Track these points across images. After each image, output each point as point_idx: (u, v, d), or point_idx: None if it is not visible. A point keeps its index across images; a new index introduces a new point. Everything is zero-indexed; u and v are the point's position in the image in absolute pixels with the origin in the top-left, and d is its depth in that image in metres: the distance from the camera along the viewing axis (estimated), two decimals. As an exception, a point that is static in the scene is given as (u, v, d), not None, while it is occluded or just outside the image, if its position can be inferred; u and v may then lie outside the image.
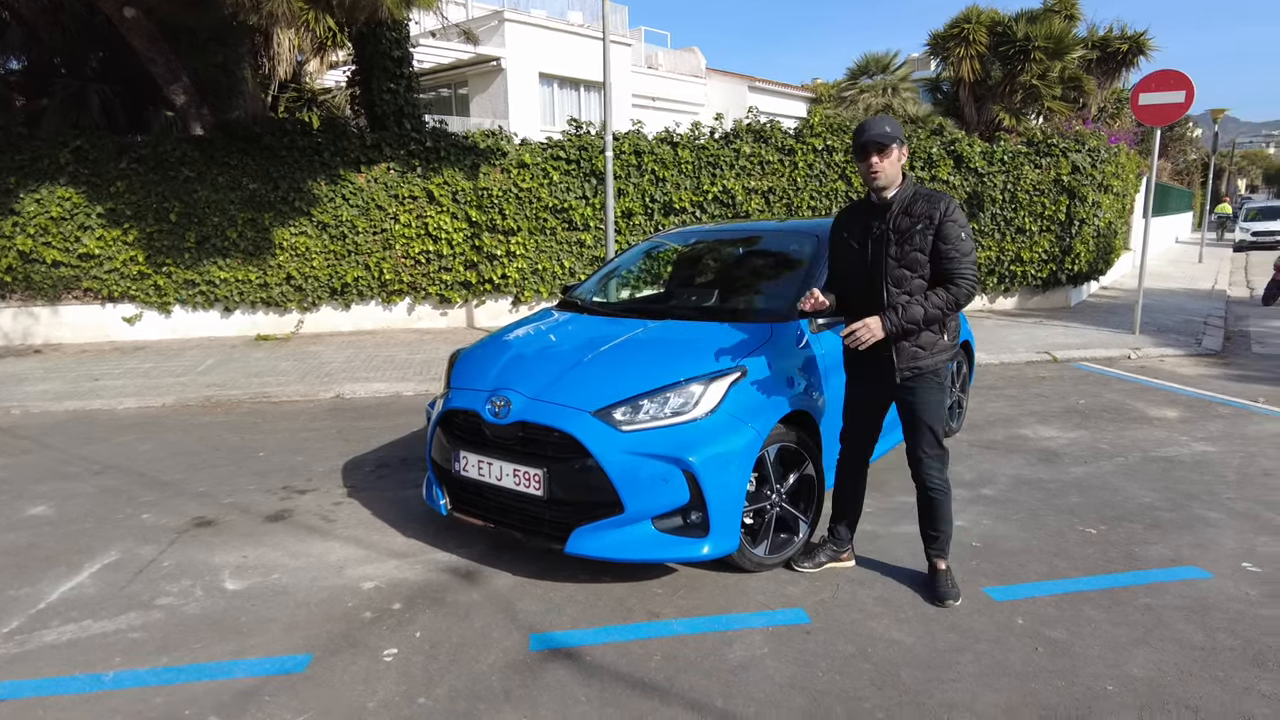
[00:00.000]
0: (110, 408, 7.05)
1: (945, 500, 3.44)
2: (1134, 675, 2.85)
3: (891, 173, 3.26)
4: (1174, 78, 9.32)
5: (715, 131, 11.08)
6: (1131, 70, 21.04)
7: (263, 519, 4.45)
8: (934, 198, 3.23)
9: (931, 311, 3.19)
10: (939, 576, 3.46)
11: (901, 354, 3.29)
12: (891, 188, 3.30)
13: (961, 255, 3.17)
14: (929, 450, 3.39)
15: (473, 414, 3.66)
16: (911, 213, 3.23)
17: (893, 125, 3.26)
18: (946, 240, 3.17)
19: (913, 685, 2.81)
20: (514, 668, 2.96)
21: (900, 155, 3.27)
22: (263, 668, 2.98)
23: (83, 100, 10.10)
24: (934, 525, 3.46)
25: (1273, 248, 26.54)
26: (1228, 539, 4.03)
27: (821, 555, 3.70)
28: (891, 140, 3.21)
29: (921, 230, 3.19)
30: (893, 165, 3.25)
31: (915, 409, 3.37)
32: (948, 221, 3.17)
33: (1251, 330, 10.87)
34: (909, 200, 3.26)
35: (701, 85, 26.06)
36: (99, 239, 9.52)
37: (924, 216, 3.20)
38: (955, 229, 3.17)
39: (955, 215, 3.19)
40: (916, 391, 3.35)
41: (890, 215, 3.27)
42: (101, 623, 3.31)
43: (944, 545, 3.49)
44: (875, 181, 3.28)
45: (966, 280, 3.19)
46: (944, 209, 3.18)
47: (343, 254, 10.19)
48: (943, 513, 3.44)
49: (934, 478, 3.40)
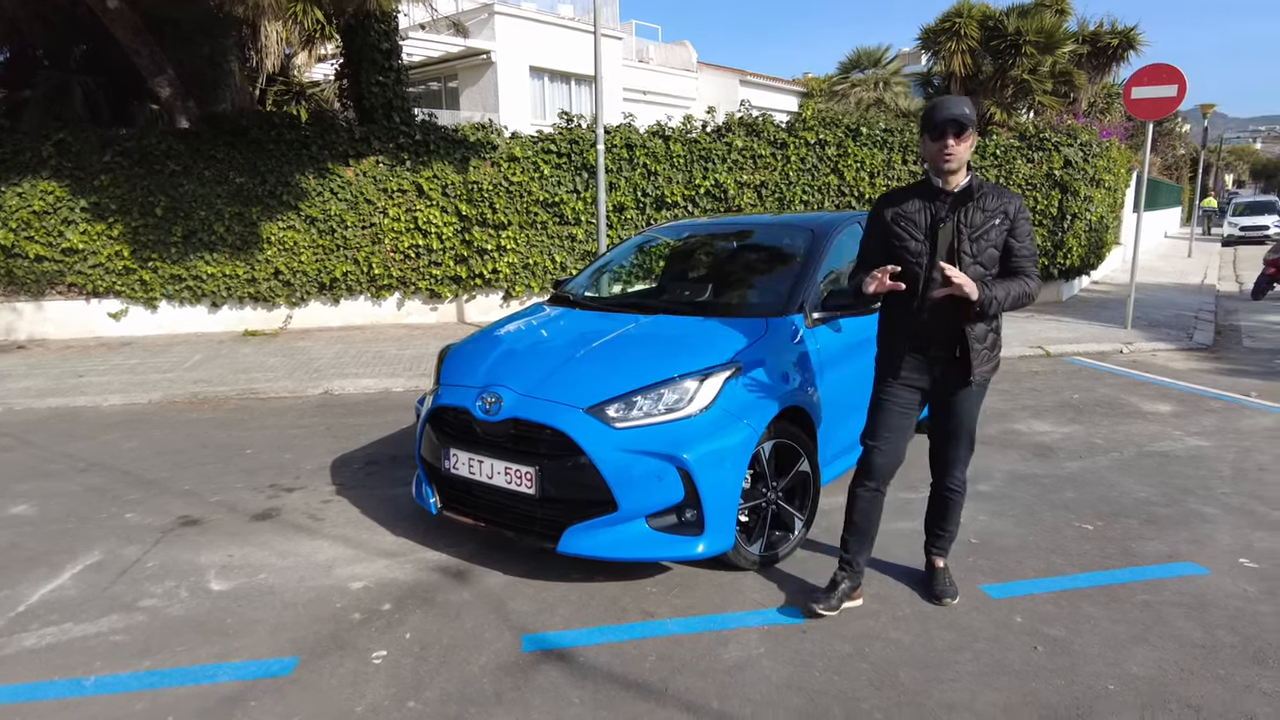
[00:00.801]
0: (95, 404, 6.95)
1: (961, 500, 3.37)
2: (1134, 674, 2.82)
3: (964, 158, 3.00)
4: (1166, 72, 9.32)
5: (707, 125, 11.01)
6: (1122, 65, 21.09)
7: (249, 518, 4.37)
8: (1004, 192, 3.06)
9: (1009, 297, 3.00)
10: (937, 574, 3.42)
11: (977, 357, 3.06)
12: (960, 177, 3.04)
13: (1029, 254, 3.07)
14: (964, 454, 3.29)
15: (463, 411, 3.59)
16: (985, 207, 3.01)
17: (970, 107, 2.99)
18: (1019, 238, 3.03)
19: (911, 685, 2.77)
20: (506, 669, 2.90)
21: (974, 142, 3.03)
22: (248, 671, 2.91)
23: (65, 93, 9.95)
24: (945, 524, 3.39)
25: (1260, 242, 26.69)
26: (1224, 535, 4.01)
27: (840, 591, 3.28)
28: (970, 123, 2.93)
29: (999, 225, 3.00)
30: (967, 151, 2.99)
31: (963, 414, 3.20)
32: (1022, 218, 3.03)
33: (1242, 324, 10.89)
34: (980, 191, 3.02)
35: (693, 79, 25.98)
36: (83, 233, 9.38)
37: (999, 211, 3.01)
38: (1028, 226, 3.05)
39: (1027, 212, 3.07)
40: (970, 396, 3.17)
41: (964, 207, 3.02)
42: (82, 625, 3.23)
43: (947, 544, 3.44)
44: (948, 164, 2.96)
45: (1035, 279, 3.09)
46: (1018, 205, 3.04)
47: (331, 248, 10.09)
48: (956, 513, 3.38)
49: (959, 478, 3.32)
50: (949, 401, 3.19)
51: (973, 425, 3.24)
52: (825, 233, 4.43)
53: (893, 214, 3.12)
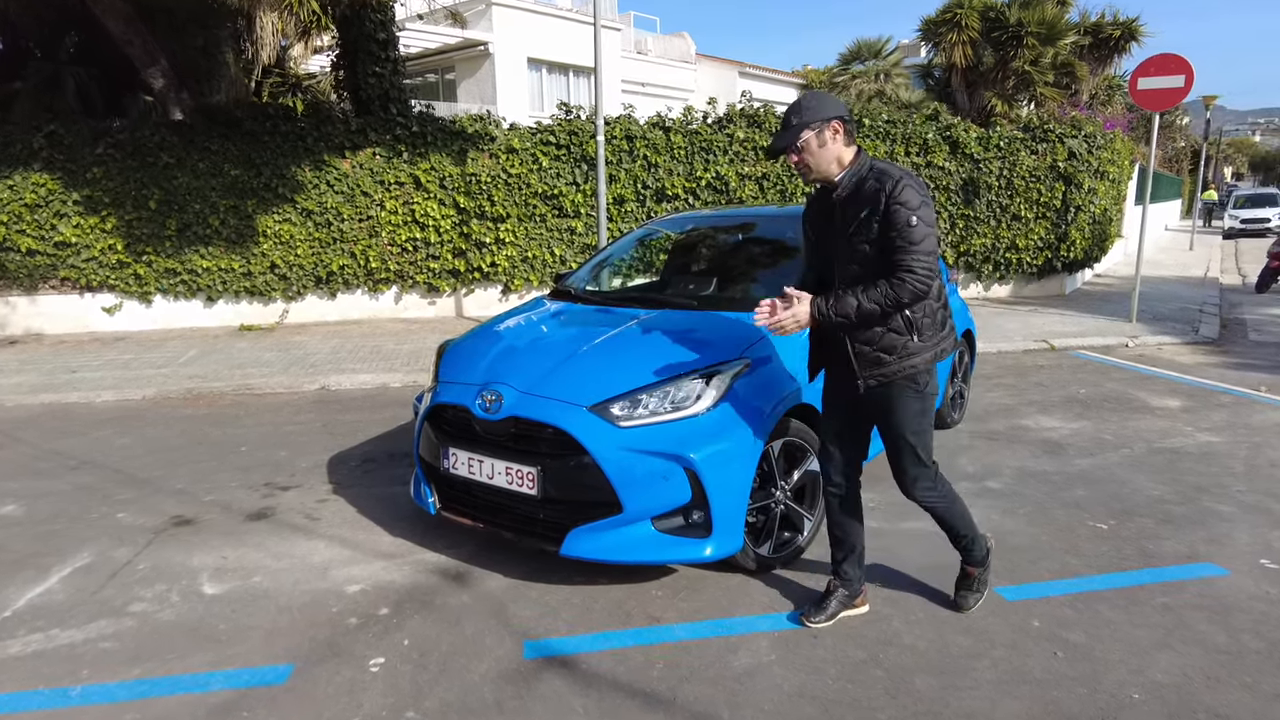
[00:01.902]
0: (88, 400, 6.83)
1: (950, 508, 3.05)
2: (1159, 681, 2.72)
3: (819, 162, 2.77)
4: (1173, 62, 9.20)
5: (708, 116, 10.88)
6: (1123, 56, 20.97)
7: (244, 517, 4.27)
8: (884, 176, 2.69)
9: (867, 306, 2.66)
10: (961, 580, 3.23)
11: (862, 359, 2.81)
12: (836, 173, 2.80)
13: (909, 244, 2.61)
14: (911, 467, 2.93)
15: (462, 409, 3.48)
16: (859, 197, 2.73)
17: (800, 112, 2.74)
18: (892, 226, 2.64)
19: (928, 694, 2.68)
20: (507, 677, 2.80)
21: (823, 138, 2.74)
22: (241, 679, 2.81)
23: (57, 84, 9.80)
24: (953, 534, 3.12)
25: (1262, 235, 26.61)
26: (1242, 534, 3.92)
27: (832, 604, 3.13)
28: (797, 133, 2.72)
29: (867, 217, 2.70)
30: (814, 155, 2.75)
31: (889, 422, 2.90)
32: (894, 205, 2.63)
33: (1247, 318, 10.80)
34: (859, 181, 2.75)
35: (691, 71, 25.79)
36: (76, 227, 9.25)
37: (870, 201, 2.69)
38: (902, 213, 2.62)
39: (903, 195, 2.62)
40: (888, 402, 2.86)
41: (838, 205, 2.80)
42: (70, 632, 3.13)
43: (968, 548, 3.14)
44: (805, 178, 2.84)
45: (913, 275, 2.61)
46: (891, 189, 2.64)
47: (328, 242, 9.96)
48: (955, 521, 3.07)
49: (927, 496, 2.98)
50: (873, 409, 2.95)
51: (910, 433, 2.88)
52: (833, 225, 4.31)
53: (804, 220, 3.11)
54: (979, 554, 3.17)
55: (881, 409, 2.91)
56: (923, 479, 2.96)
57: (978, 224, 11.45)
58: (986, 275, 11.82)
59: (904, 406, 2.86)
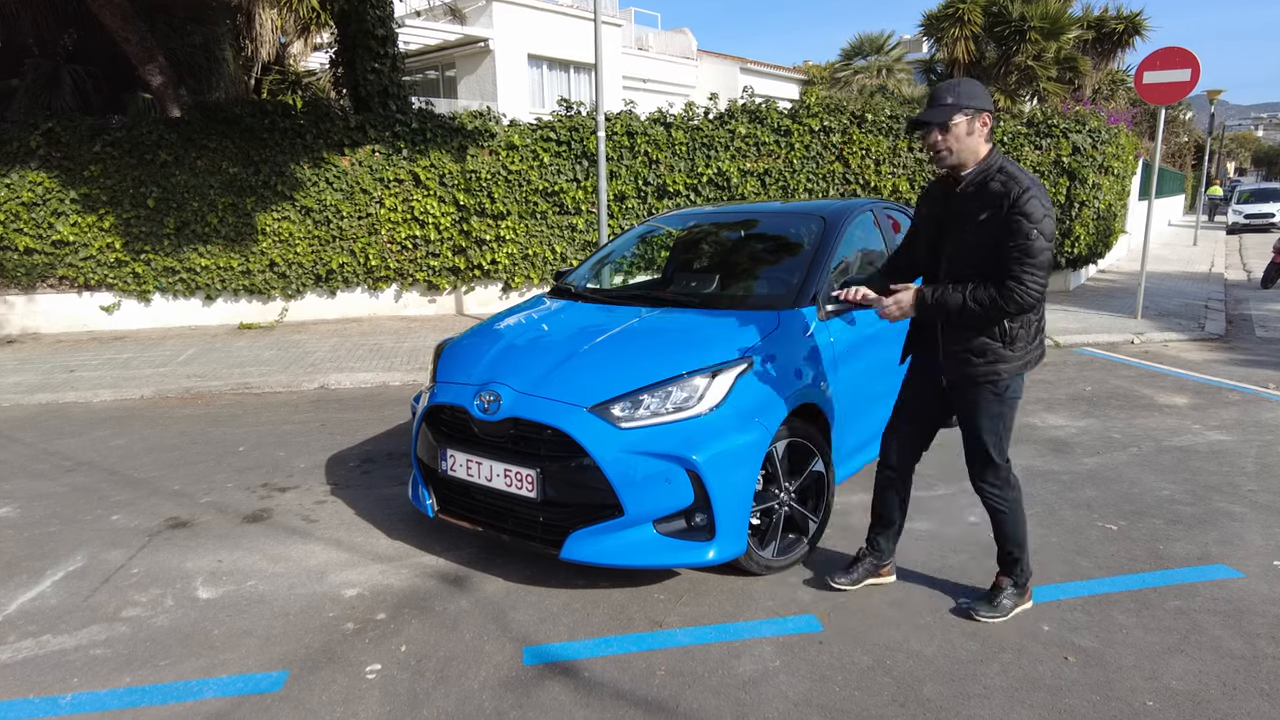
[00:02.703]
0: (85, 400, 6.78)
1: (1010, 518, 3.05)
2: (1174, 688, 2.66)
3: (959, 149, 2.77)
4: (1180, 56, 9.10)
5: (710, 112, 10.80)
6: (1126, 51, 20.86)
7: (240, 519, 4.21)
8: (1011, 181, 2.70)
9: (970, 306, 2.72)
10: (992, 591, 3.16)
11: (950, 356, 2.90)
12: (965, 165, 2.81)
13: (1024, 255, 2.64)
14: (978, 463, 3.02)
15: (460, 410, 3.42)
16: (981, 197, 2.76)
17: (960, 93, 2.75)
18: (1012, 236, 2.66)
19: (937, 701, 2.61)
20: (507, 685, 2.74)
21: (972, 126, 2.75)
22: (235, 687, 2.75)
23: (55, 81, 9.75)
24: (1003, 545, 3.11)
25: (1266, 230, 26.47)
26: (1254, 535, 3.85)
27: (859, 570, 3.31)
28: (950, 113, 2.72)
29: (988, 219, 2.72)
30: (959, 141, 2.76)
31: (967, 419, 2.99)
32: (1016, 214, 2.65)
33: (1253, 314, 10.71)
34: (984, 180, 2.77)
35: (693, 67, 25.69)
36: (73, 225, 9.19)
37: (994, 203, 2.71)
38: (1024, 224, 2.63)
39: (1028, 206, 2.64)
40: (968, 400, 2.95)
41: (963, 201, 2.81)
42: (62, 638, 3.07)
43: (1004, 559, 3.13)
44: (938, 162, 2.83)
45: (1023, 287, 2.66)
46: (1016, 196, 2.66)
47: (327, 239, 9.90)
48: (1009, 531, 3.06)
49: (990, 492, 3.04)
50: (955, 403, 3.04)
51: (985, 434, 2.95)
52: (837, 221, 4.25)
53: (919, 207, 3.14)
54: (1019, 574, 3.13)
55: (961, 405, 3.00)
56: (991, 476, 3.03)
57: (981, 220, 11.35)
58: (990, 271, 11.73)
59: (983, 407, 2.94)
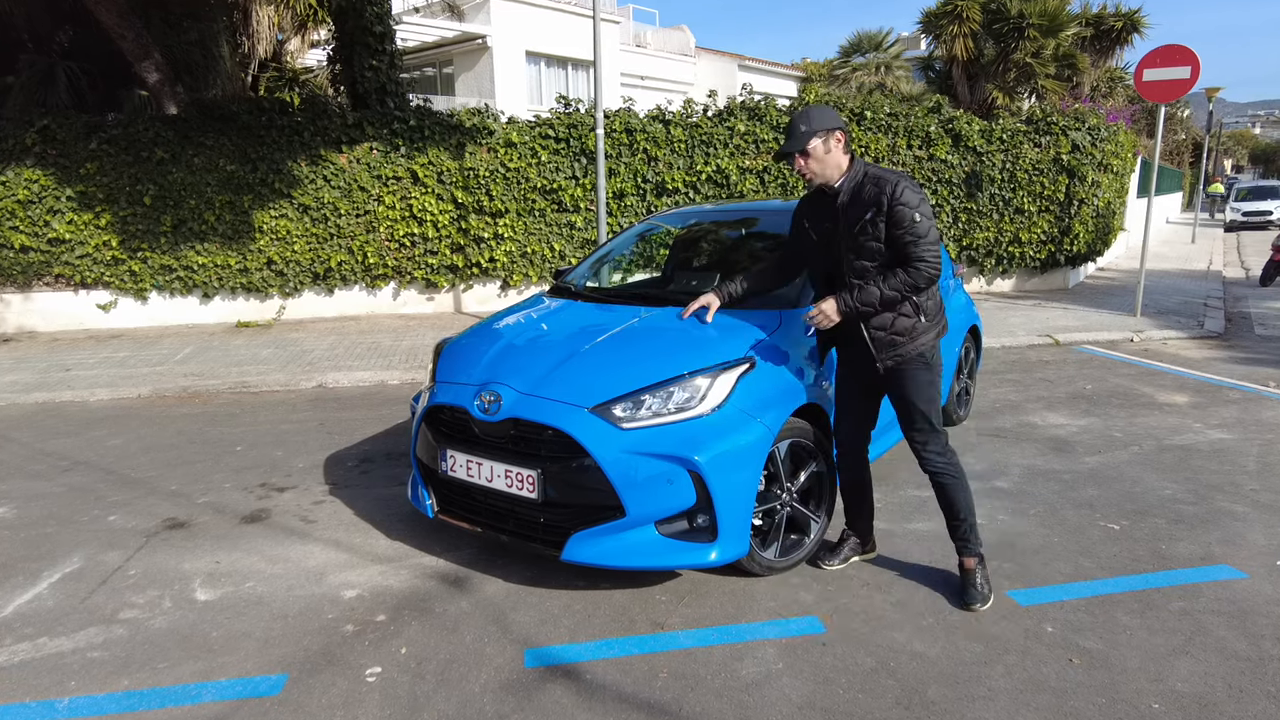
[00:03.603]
0: (82, 399, 6.75)
1: (956, 484, 3.22)
2: (1179, 690, 2.64)
3: (824, 168, 3.09)
4: (1180, 53, 9.08)
5: (708, 109, 10.77)
6: (1124, 48, 20.86)
7: (239, 520, 4.19)
8: (882, 180, 3.02)
9: (888, 293, 3.02)
10: (966, 577, 3.24)
11: (879, 344, 3.13)
12: (836, 178, 3.11)
13: (917, 238, 2.97)
14: (921, 433, 3.21)
15: (460, 410, 3.40)
16: (860, 200, 3.05)
17: (811, 119, 3.04)
18: (899, 225, 2.98)
19: (941, 704, 2.59)
20: (508, 688, 2.72)
21: (828, 145, 3.05)
22: (234, 691, 2.73)
23: (50, 78, 9.68)
24: (952, 514, 3.26)
25: (1263, 228, 26.49)
26: (1257, 535, 3.84)
27: (845, 549, 3.56)
28: (806, 139, 3.03)
29: (872, 218, 3.02)
30: (820, 161, 3.07)
31: (903, 394, 3.20)
32: (897, 205, 2.97)
33: (1252, 312, 10.71)
34: (857, 187, 3.08)
35: (691, 64, 25.65)
36: (69, 223, 9.14)
37: (873, 203, 3.01)
38: (906, 212, 2.96)
39: (904, 197, 2.97)
40: (902, 377, 3.18)
41: (841, 206, 3.11)
42: (59, 640, 3.04)
43: (967, 535, 3.26)
44: (809, 182, 3.16)
45: (925, 263, 2.99)
46: (891, 192, 2.98)
47: (325, 237, 9.86)
48: (957, 498, 3.23)
49: (934, 460, 3.21)
50: (889, 386, 3.24)
51: (922, 401, 3.18)
52: (839, 220, 4.22)
53: (801, 219, 3.36)
54: (975, 544, 3.28)
55: (897, 384, 3.20)
56: (933, 443, 3.22)
57: (980, 217, 11.35)
58: (989, 269, 11.72)
59: (916, 380, 3.18)
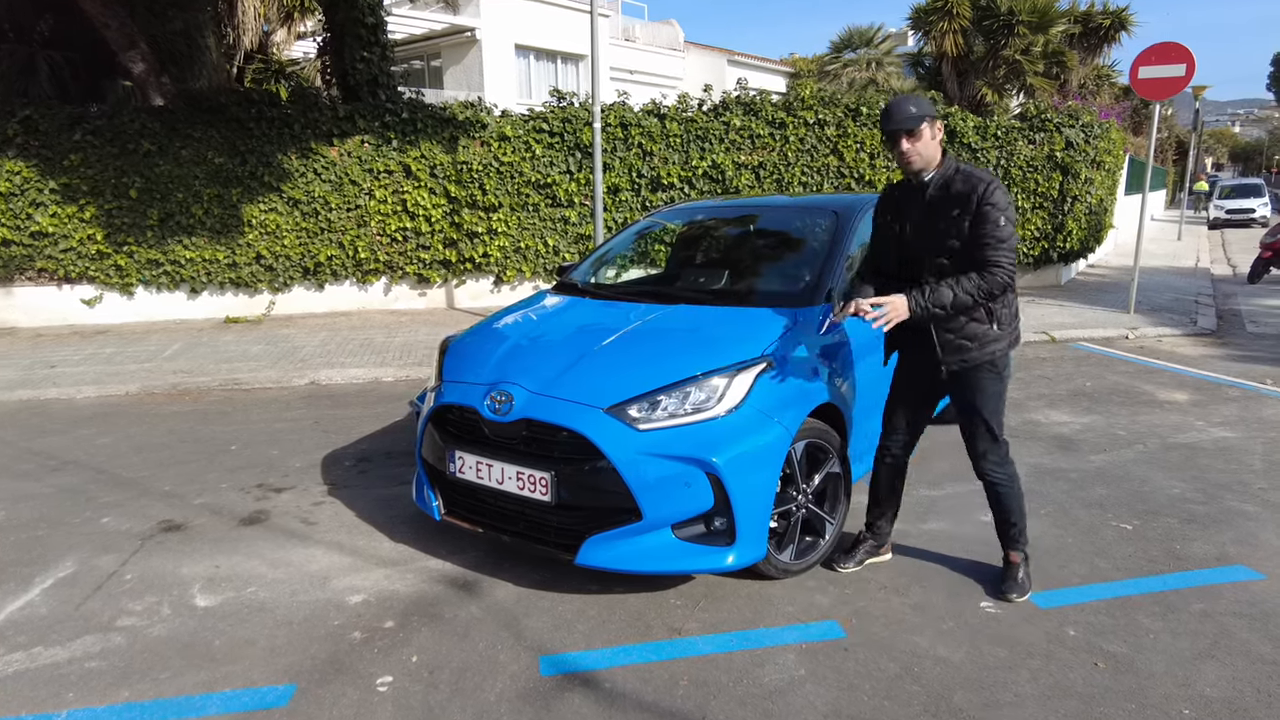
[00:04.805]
0: (68, 397, 6.59)
1: (1011, 491, 3.26)
2: (1208, 695, 2.60)
3: (925, 154, 3.04)
4: (1175, 50, 9.10)
5: (704, 104, 10.69)
6: (1112, 46, 20.94)
7: (237, 522, 4.08)
8: (973, 178, 2.99)
9: (961, 297, 2.96)
10: (1009, 569, 3.30)
11: (946, 347, 3.09)
12: (928, 169, 3.07)
13: (997, 242, 2.94)
14: (982, 441, 3.20)
15: (470, 410, 3.31)
16: (948, 195, 3.03)
17: (920, 104, 3.03)
18: (982, 225, 2.95)
19: (969, 711, 2.54)
20: (524, 697, 2.65)
21: (934, 133, 3.04)
22: (240, 702, 2.64)
23: (31, 68, 9.47)
24: (1005, 516, 3.29)
25: (1246, 225, 26.74)
26: (1270, 535, 3.82)
27: (860, 552, 3.52)
28: (919, 121, 2.99)
29: (959, 215, 2.99)
30: (925, 146, 3.03)
31: (969, 401, 3.17)
32: (985, 205, 2.94)
33: (1242, 309, 10.77)
34: (948, 182, 3.05)
35: (680, 59, 25.56)
36: (53, 216, 8.94)
37: (961, 201, 2.98)
38: (993, 213, 2.93)
39: (994, 198, 2.94)
40: (969, 384, 3.14)
41: (929, 199, 3.07)
42: (54, 650, 2.94)
43: (1016, 537, 3.30)
44: (909, 166, 3.07)
45: (1001, 269, 2.95)
46: (982, 191, 2.94)
47: (315, 232, 9.71)
48: (1012, 504, 3.27)
49: (993, 471, 3.22)
50: (953, 390, 3.23)
51: (987, 413, 3.15)
52: (849, 215, 4.16)
53: (883, 212, 3.31)
54: (1024, 543, 3.33)
55: (962, 390, 3.18)
56: (993, 454, 3.21)
57: (974, 214, 11.34)
58: (982, 266, 11.72)
59: (984, 388, 3.14)
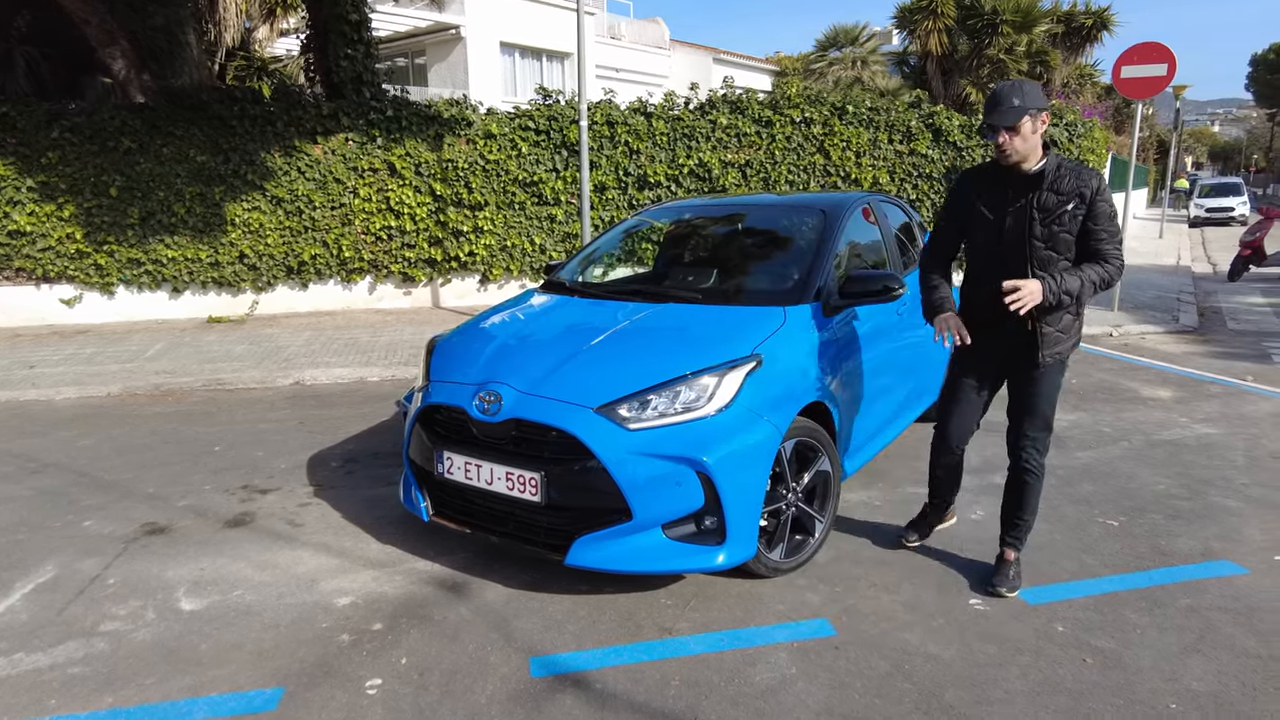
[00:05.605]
0: (48, 398, 6.50)
1: (1037, 485, 3.28)
2: (1195, 689, 2.63)
3: (1026, 148, 2.99)
4: (1156, 50, 9.19)
5: (690, 102, 10.68)
6: (1095, 45, 21.15)
7: (222, 524, 4.04)
8: (1082, 173, 3.00)
9: (1086, 287, 2.99)
10: (1003, 565, 3.32)
11: (1046, 340, 3.09)
12: (1028, 161, 3.02)
13: (1111, 236, 2.99)
14: (1037, 430, 3.22)
15: (458, 410, 3.29)
16: (1059, 190, 3.00)
17: (1022, 95, 2.94)
18: (1098, 221, 2.97)
19: (960, 708, 2.55)
20: (515, 699, 2.63)
21: (1036, 125, 2.96)
22: (228, 707, 2.61)
23: (8, 64, 9.35)
24: (1021, 511, 3.31)
25: (1225, 224, 27.05)
26: (1253, 530, 3.86)
27: (923, 529, 3.69)
28: (1020, 115, 2.91)
29: (1072, 210, 2.98)
30: (1025, 140, 2.96)
31: (1040, 392, 3.17)
32: (1100, 200, 2.96)
33: (1223, 306, 10.90)
34: (1057, 175, 3.01)
35: (665, 57, 25.53)
36: (31, 215, 8.82)
37: (1074, 195, 2.98)
38: (1108, 208, 2.97)
39: (1107, 193, 2.99)
40: (1046, 376, 3.16)
41: (1036, 192, 3.02)
42: (35, 655, 2.89)
43: (1023, 535, 3.35)
44: (1008, 159, 3.01)
45: (1118, 260, 3.01)
46: (1096, 186, 2.97)
47: (299, 230, 9.62)
48: (1032, 499, 3.29)
49: (1034, 460, 3.24)
50: (1021, 379, 3.21)
51: (1047, 405, 3.19)
52: (837, 215, 4.17)
53: (971, 194, 3.18)
54: (1024, 542, 3.37)
55: (1037, 382, 3.17)
56: (1041, 443, 3.24)
57: (959, 212, 11.39)
58: (967, 264, 11.78)
59: (1054, 380, 3.19)
